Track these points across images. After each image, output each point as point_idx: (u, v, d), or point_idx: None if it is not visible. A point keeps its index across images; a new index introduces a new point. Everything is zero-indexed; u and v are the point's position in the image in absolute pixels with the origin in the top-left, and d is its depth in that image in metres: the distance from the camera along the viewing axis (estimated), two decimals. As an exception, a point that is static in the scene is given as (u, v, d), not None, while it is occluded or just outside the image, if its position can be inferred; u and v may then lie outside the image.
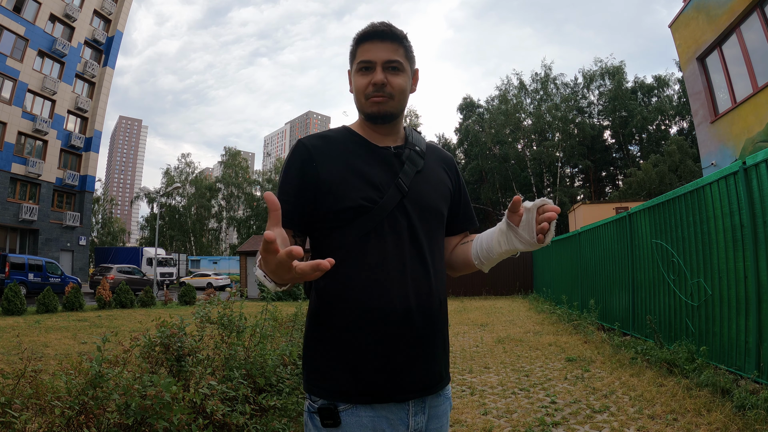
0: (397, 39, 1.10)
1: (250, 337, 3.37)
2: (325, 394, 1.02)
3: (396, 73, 1.09)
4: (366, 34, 1.09)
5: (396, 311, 1.01)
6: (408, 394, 1.03)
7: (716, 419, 3.20)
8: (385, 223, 1.05)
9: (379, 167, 1.10)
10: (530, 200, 1.01)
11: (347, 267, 1.03)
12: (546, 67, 38.44)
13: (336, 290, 1.05)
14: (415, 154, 1.16)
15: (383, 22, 1.10)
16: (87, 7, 29.33)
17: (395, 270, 1.03)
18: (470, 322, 9.42)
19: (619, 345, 5.98)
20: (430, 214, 1.12)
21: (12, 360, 5.48)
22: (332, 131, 1.17)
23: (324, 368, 1.04)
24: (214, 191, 52.03)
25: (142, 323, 9.41)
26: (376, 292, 1.02)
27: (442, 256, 1.16)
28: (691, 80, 11.55)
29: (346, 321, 1.03)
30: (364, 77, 1.10)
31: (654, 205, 5.78)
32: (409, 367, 1.03)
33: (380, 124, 1.12)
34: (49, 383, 2.09)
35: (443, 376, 1.12)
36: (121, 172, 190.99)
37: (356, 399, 1.00)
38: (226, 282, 30.84)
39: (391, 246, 1.04)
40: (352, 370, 1.01)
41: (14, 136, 25.11)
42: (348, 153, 1.10)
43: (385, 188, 1.07)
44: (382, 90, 1.08)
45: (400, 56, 1.10)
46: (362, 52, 1.10)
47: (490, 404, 3.92)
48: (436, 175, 1.19)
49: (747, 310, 3.82)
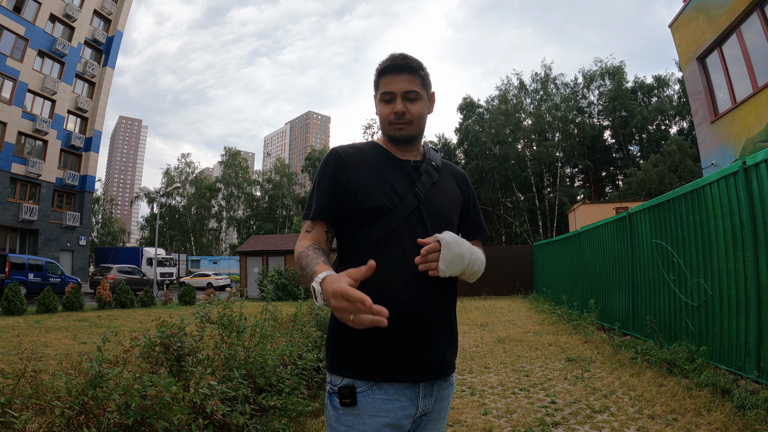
0: (413, 70, 1.26)
1: (250, 337, 3.36)
2: (348, 372, 1.15)
3: (414, 102, 1.26)
4: (386, 68, 1.26)
5: (413, 302, 1.15)
6: (422, 375, 1.16)
7: (716, 419, 3.20)
8: (404, 225, 1.21)
9: (400, 176, 1.27)
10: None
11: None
12: (546, 67, 38.42)
13: (362, 283, 1.12)
14: (431, 168, 1.33)
15: (401, 55, 1.27)
16: (87, 7, 29.33)
17: (411, 266, 1.15)
18: (470, 322, 9.42)
19: (619, 345, 5.98)
20: (443, 219, 1.28)
21: (12, 360, 5.48)
22: (362, 144, 1.36)
23: (347, 350, 1.17)
24: (214, 191, 52.04)
25: (142, 323, 9.41)
26: (396, 285, 1.15)
27: None
28: (691, 80, 11.55)
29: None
30: (386, 107, 1.27)
31: (654, 205, 5.78)
32: (423, 351, 1.16)
33: (402, 145, 1.31)
34: (49, 383, 2.09)
35: (452, 361, 1.26)
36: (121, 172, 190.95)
37: (377, 377, 1.13)
38: (226, 282, 30.86)
39: (410, 245, 1.19)
40: (374, 351, 1.14)
41: (14, 136, 25.12)
42: (374, 162, 1.28)
43: (404, 194, 1.24)
44: (402, 118, 1.25)
45: (417, 86, 1.26)
46: (384, 83, 1.26)
47: (490, 404, 3.92)
48: (449, 187, 1.36)
49: (747, 310, 3.82)
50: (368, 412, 1.12)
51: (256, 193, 54.42)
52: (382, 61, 1.29)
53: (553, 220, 35.15)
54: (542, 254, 14.75)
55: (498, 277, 17.01)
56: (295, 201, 52.76)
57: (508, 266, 17.05)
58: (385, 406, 1.13)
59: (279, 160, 56.35)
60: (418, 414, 1.18)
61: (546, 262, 13.96)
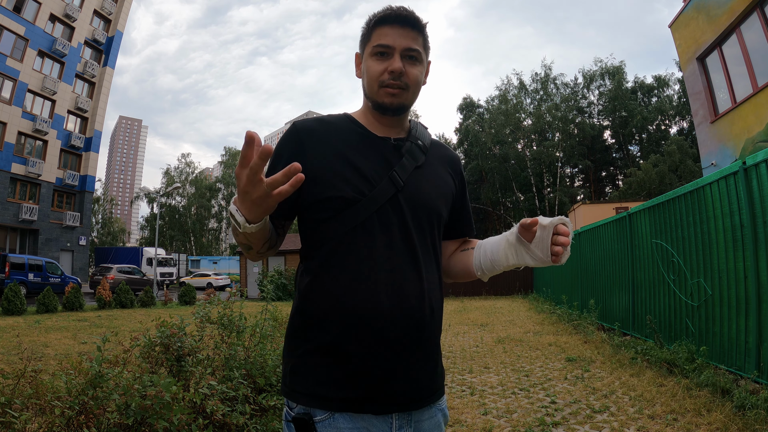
0: (418, 27, 1.03)
1: (250, 337, 3.36)
2: (303, 399, 0.95)
3: (414, 64, 1.03)
4: (386, 17, 1.02)
5: (380, 314, 0.94)
6: (390, 406, 0.94)
7: (716, 419, 3.20)
8: (374, 217, 0.97)
9: (373, 158, 1.03)
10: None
11: (331, 263, 0.97)
12: (546, 67, 38.48)
13: (318, 288, 0.98)
14: (416, 147, 1.08)
15: (404, 6, 1.02)
16: (87, 7, 29.33)
17: (382, 269, 0.96)
18: (470, 322, 9.42)
19: (619, 345, 5.98)
20: (427, 212, 1.04)
21: (12, 360, 5.48)
22: (332, 116, 1.11)
23: (303, 371, 0.97)
24: (214, 191, 52.04)
25: (142, 323, 9.41)
26: (359, 293, 0.94)
27: (438, 260, 1.08)
28: (691, 80, 11.55)
29: (327, 322, 0.96)
30: (379, 63, 1.02)
31: (654, 205, 5.78)
32: (393, 376, 0.94)
33: (390, 116, 1.06)
34: (49, 383, 2.09)
35: (434, 388, 1.02)
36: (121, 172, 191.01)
37: (335, 406, 0.92)
38: (226, 282, 30.84)
39: (380, 243, 0.97)
40: (332, 374, 0.94)
41: (14, 136, 25.12)
42: (342, 141, 1.04)
43: (377, 180, 1.00)
44: (399, 79, 1.01)
45: (420, 45, 1.03)
46: (379, 35, 1.02)
47: (490, 404, 3.92)
48: (437, 173, 1.12)
49: (747, 310, 3.82)
50: None
51: (256, 193, 54.33)
52: (379, 11, 1.04)
53: (553, 220, 35.07)
54: (542, 254, 14.73)
55: (498, 277, 17.01)
56: (295, 201, 52.63)
57: (508, 266, 17.04)
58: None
59: (279, 160, 56.26)
60: None
61: (546, 262, 13.94)
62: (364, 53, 1.07)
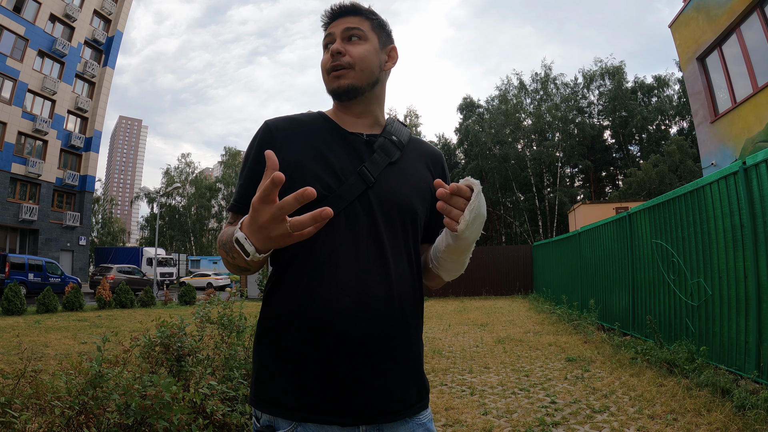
0: (356, 11, 1.04)
1: (250, 337, 3.36)
2: (266, 408, 0.91)
3: (356, 42, 1.02)
4: (326, 15, 1.05)
5: (341, 317, 0.89)
6: (357, 417, 0.89)
7: (716, 419, 3.20)
8: (341, 215, 0.94)
9: (343, 153, 1.00)
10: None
11: (293, 264, 0.94)
12: (546, 67, 38.43)
13: (280, 291, 0.95)
14: (390, 143, 1.05)
15: (341, 1, 1.05)
16: (87, 7, 29.33)
17: (344, 270, 0.92)
18: (470, 322, 9.42)
19: (619, 345, 5.98)
20: (399, 210, 1.00)
21: (12, 360, 5.48)
22: (304, 114, 1.09)
23: (265, 378, 0.93)
24: (214, 191, 52.04)
25: (142, 323, 9.41)
26: (320, 295, 0.91)
27: (413, 260, 1.01)
28: (691, 80, 11.55)
29: (287, 326, 0.92)
30: (326, 54, 1.04)
31: (654, 205, 5.78)
32: (359, 384, 0.89)
33: (345, 101, 1.04)
34: (49, 383, 2.09)
35: (410, 400, 0.95)
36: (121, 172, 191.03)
37: (298, 416, 0.88)
38: (226, 282, 30.83)
39: (345, 242, 0.93)
40: (292, 381, 0.90)
41: (14, 136, 25.11)
42: (313, 137, 1.02)
43: (346, 176, 0.97)
44: (339, 59, 1.00)
45: (364, 27, 1.03)
46: (327, 32, 1.05)
47: (490, 404, 3.92)
48: (414, 169, 1.07)
49: (747, 310, 3.82)
50: None
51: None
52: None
53: (553, 220, 35.15)
54: (542, 254, 14.75)
55: (498, 277, 17.02)
56: (295, 201, 52.68)
57: (508, 266, 17.05)
58: None
59: (279, 160, 56.31)
60: None
61: (546, 262, 13.96)
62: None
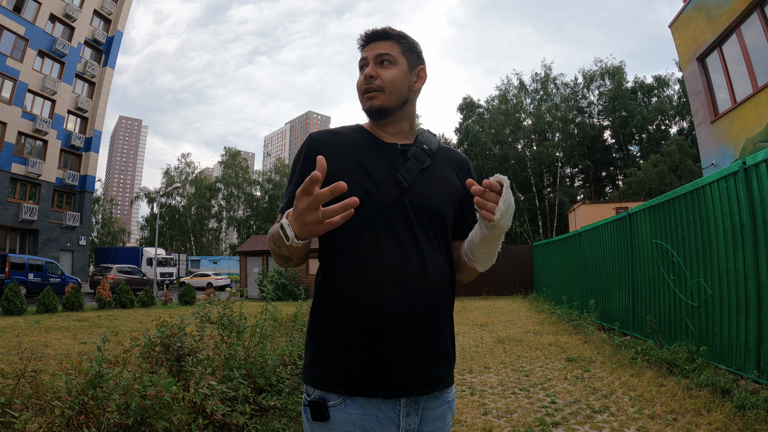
0: (390, 37, 1.15)
1: (250, 337, 3.36)
2: (318, 384, 1.04)
3: (386, 67, 1.13)
4: (360, 39, 1.18)
5: (387, 306, 1.02)
6: (397, 390, 1.02)
7: (716, 419, 3.20)
8: (380, 217, 1.06)
9: (381, 161, 1.12)
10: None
11: (342, 259, 1.07)
12: (546, 67, 38.41)
13: (330, 282, 1.08)
14: (421, 152, 1.17)
15: (374, 27, 1.17)
16: (87, 7, 29.33)
17: (388, 264, 1.04)
18: (470, 322, 9.42)
19: (619, 345, 5.98)
20: (431, 212, 1.12)
21: (12, 360, 5.48)
22: (344, 128, 1.21)
23: (317, 359, 1.06)
24: (214, 191, 52.03)
25: (142, 323, 9.41)
26: (367, 287, 1.03)
27: (444, 256, 1.14)
28: (691, 80, 11.55)
29: (337, 313, 1.05)
30: (361, 76, 1.15)
31: (654, 205, 5.78)
32: (398, 362, 1.02)
33: (377, 119, 1.16)
34: (49, 383, 2.09)
35: (441, 377, 1.09)
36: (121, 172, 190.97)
37: (346, 390, 1.01)
38: (226, 282, 30.84)
39: (385, 240, 1.05)
40: (342, 361, 1.03)
41: (14, 136, 25.11)
42: (353, 147, 1.14)
43: (383, 182, 1.09)
44: (371, 83, 1.12)
45: (394, 51, 1.14)
46: (362, 55, 1.17)
47: (490, 404, 3.92)
48: (443, 174, 1.20)
49: (747, 310, 3.82)
50: (342, 428, 1.01)
51: (256, 193, 54.41)
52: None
53: (553, 220, 35.14)
54: (542, 254, 14.75)
55: (498, 277, 17.02)
56: (295, 201, 52.61)
57: (508, 266, 17.05)
58: (361, 422, 1.01)
59: (279, 160, 56.36)
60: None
61: (546, 262, 13.96)
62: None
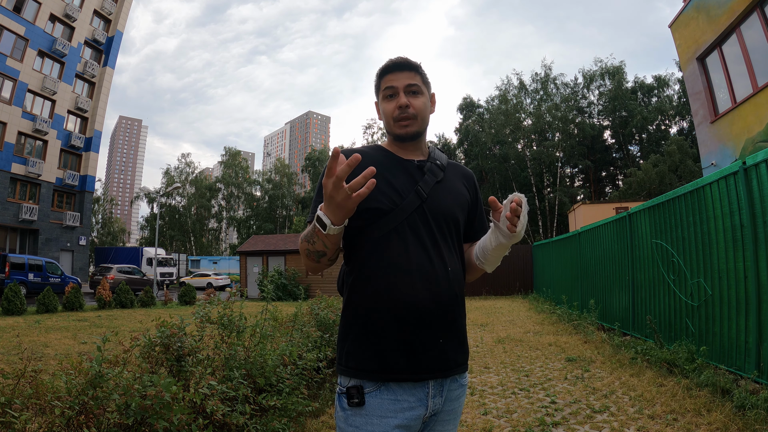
0: (413, 68, 1.29)
1: (250, 337, 3.36)
2: (354, 374, 1.17)
3: (416, 96, 1.28)
4: (387, 68, 1.30)
5: (418, 302, 1.16)
6: (426, 374, 1.16)
7: (716, 419, 3.20)
8: (405, 224, 1.21)
9: (402, 176, 1.28)
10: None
11: (373, 261, 1.21)
12: (546, 67, 38.44)
13: (363, 282, 1.21)
14: (435, 167, 1.33)
15: (400, 56, 1.31)
16: (87, 7, 29.33)
17: (414, 264, 1.18)
18: (470, 322, 9.42)
19: (619, 345, 5.98)
20: (447, 219, 1.27)
21: (12, 360, 5.48)
22: (365, 147, 1.38)
23: (354, 351, 1.19)
24: (214, 191, 52.04)
25: (142, 323, 9.41)
26: (396, 284, 1.16)
27: (459, 257, 1.30)
28: (691, 80, 11.55)
29: (371, 309, 1.18)
30: (390, 103, 1.29)
31: (654, 205, 5.78)
32: (426, 350, 1.16)
33: (408, 142, 1.32)
34: (49, 383, 2.09)
35: (459, 361, 1.25)
36: (121, 172, 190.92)
37: (381, 376, 1.15)
38: (226, 282, 30.85)
39: (411, 244, 1.20)
40: (377, 351, 1.16)
41: (14, 136, 25.11)
42: (377, 163, 1.22)
43: (405, 194, 1.24)
44: (406, 111, 1.27)
45: (418, 81, 1.29)
46: (386, 81, 1.30)
47: (490, 404, 3.92)
48: (454, 186, 1.36)
49: (747, 310, 3.82)
50: (376, 412, 1.13)
51: (256, 193, 54.43)
52: (382, 65, 1.33)
53: (553, 220, 35.15)
54: (542, 254, 14.74)
55: (498, 277, 17.01)
56: (296, 201, 52.75)
57: (508, 266, 17.05)
58: (393, 407, 1.14)
59: (279, 160, 56.34)
60: (428, 414, 1.19)
61: (546, 262, 13.96)
62: (378, 99, 1.34)
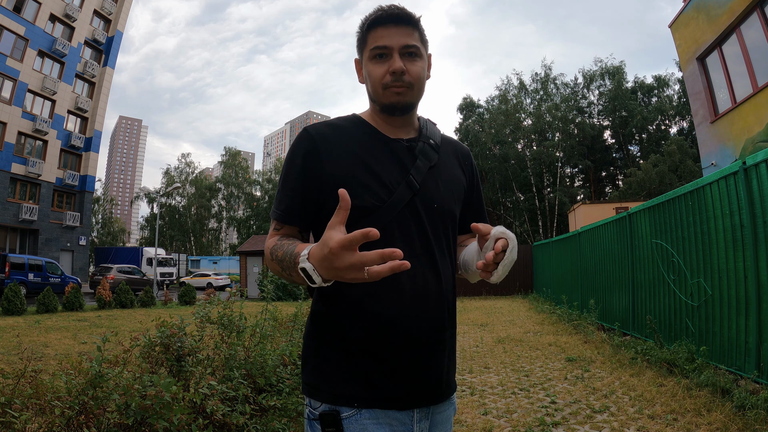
0: (412, 22, 1.02)
1: (250, 337, 3.36)
2: (329, 398, 0.97)
3: (414, 60, 1.02)
4: (379, 18, 1.01)
5: (405, 318, 0.97)
6: (415, 402, 0.99)
7: (716, 419, 3.20)
8: (393, 223, 0.99)
9: (389, 162, 1.03)
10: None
11: None
12: (546, 67, 38.39)
13: (341, 292, 0.99)
14: (429, 147, 1.08)
15: (394, 5, 1.02)
16: (87, 7, 29.32)
17: (404, 275, 0.96)
18: (470, 322, 9.42)
19: (619, 345, 5.98)
20: (441, 214, 1.06)
21: (12, 360, 5.48)
22: (341, 119, 1.09)
23: (328, 371, 0.99)
24: (214, 191, 52.03)
25: (142, 323, 9.41)
26: (384, 298, 0.97)
27: (452, 258, 1.10)
28: (691, 80, 11.54)
29: (351, 325, 0.98)
30: (379, 65, 1.01)
31: (654, 205, 5.78)
32: (416, 374, 0.98)
33: (398, 115, 1.06)
34: (49, 383, 2.09)
35: (451, 384, 1.07)
36: (121, 172, 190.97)
37: (362, 403, 0.95)
38: (226, 282, 30.85)
39: (399, 246, 0.94)
40: (359, 373, 0.97)
41: (14, 136, 25.10)
42: (357, 145, 1.03)
43: (394, 186, 1.00)
44: (401, 79, 1.00)
45: (417, 41, 1.02)
46: (375, 38, 1.01)
47: (490, 404, 3.92)
48: (450, 170, 1.12)
49: (747, 310, 3.82)
50: None
51: (256, 193, 54.41)
52: (370, 13, 1.03)
53: (553, 220, 35.14)
54: (542, 254, 14.74)
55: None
56: (295, 201, 52.61)
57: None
58: (375, 430, 0.96)
59: (279, 160, 56.40)
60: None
61: (546, 262, 13.96)
62: (363, 58, 1.06)
